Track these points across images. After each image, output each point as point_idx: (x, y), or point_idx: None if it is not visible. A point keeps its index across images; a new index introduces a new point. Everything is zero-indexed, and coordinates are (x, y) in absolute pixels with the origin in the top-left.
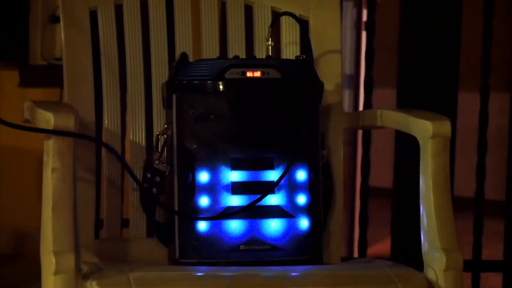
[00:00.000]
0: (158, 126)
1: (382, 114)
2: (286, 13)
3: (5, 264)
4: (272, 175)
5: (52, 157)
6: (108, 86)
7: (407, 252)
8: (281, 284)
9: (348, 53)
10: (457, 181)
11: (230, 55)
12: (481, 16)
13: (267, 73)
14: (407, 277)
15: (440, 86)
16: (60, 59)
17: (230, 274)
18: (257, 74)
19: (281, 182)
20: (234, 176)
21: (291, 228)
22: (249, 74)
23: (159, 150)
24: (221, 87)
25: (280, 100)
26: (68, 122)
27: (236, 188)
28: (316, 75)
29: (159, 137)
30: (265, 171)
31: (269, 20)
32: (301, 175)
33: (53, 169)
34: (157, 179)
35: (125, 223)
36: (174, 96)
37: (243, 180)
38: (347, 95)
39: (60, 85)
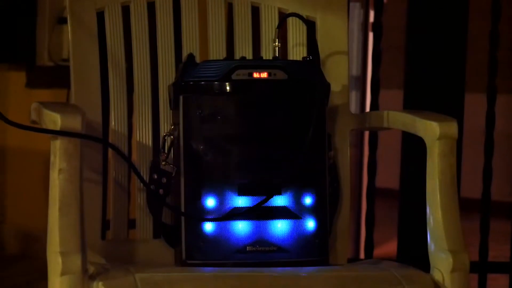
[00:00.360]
0: (164, 127)
1: (389, 115)
2: (293, 14)
3: (12, 264)
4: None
5: (59, 158)
6: (115, 87)
7: (414, 253)
8: (287, 285)
9: (355, 54)
10: (463, 182)
11: (237, 56)
12: (488, 17)
13: (274, 74)
14: (413, 278)
15: (447, 87)
16: (67, 60)
17: (237, 275)
18: (264, 75)
19: (287, 183)
20: (241, 177)
21: (298, 229)
22: (255, 75)
23: (166, 151)
24: (227, 88)
25: (286, 101)
26: (75, 123)
27: (243, 189)
28: (323, 76)
29: (165, 138)
30: (271, 172)
31: (276, 21)
32: (307, 176)
33: (60, 170)
34: (164, 180)
35: (131, 224)
36: (180, 97)
37: (250, 181)
38: (353, 96)
39: (67, 86)
